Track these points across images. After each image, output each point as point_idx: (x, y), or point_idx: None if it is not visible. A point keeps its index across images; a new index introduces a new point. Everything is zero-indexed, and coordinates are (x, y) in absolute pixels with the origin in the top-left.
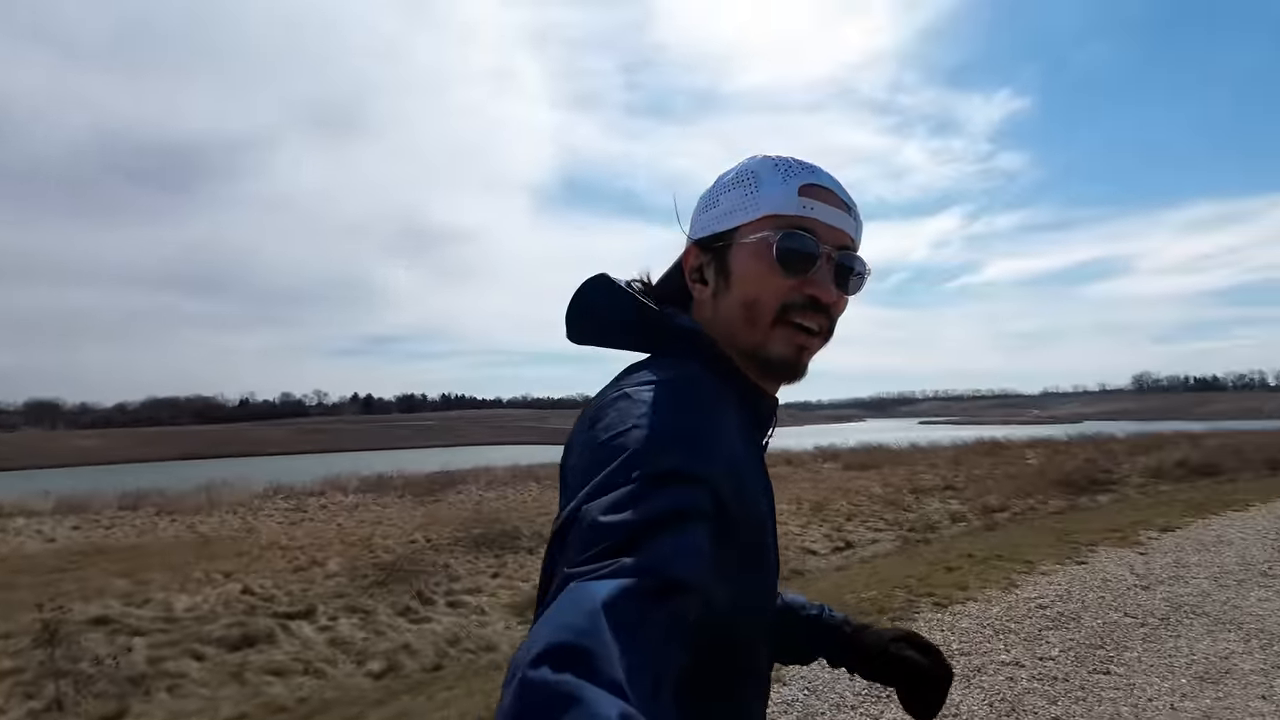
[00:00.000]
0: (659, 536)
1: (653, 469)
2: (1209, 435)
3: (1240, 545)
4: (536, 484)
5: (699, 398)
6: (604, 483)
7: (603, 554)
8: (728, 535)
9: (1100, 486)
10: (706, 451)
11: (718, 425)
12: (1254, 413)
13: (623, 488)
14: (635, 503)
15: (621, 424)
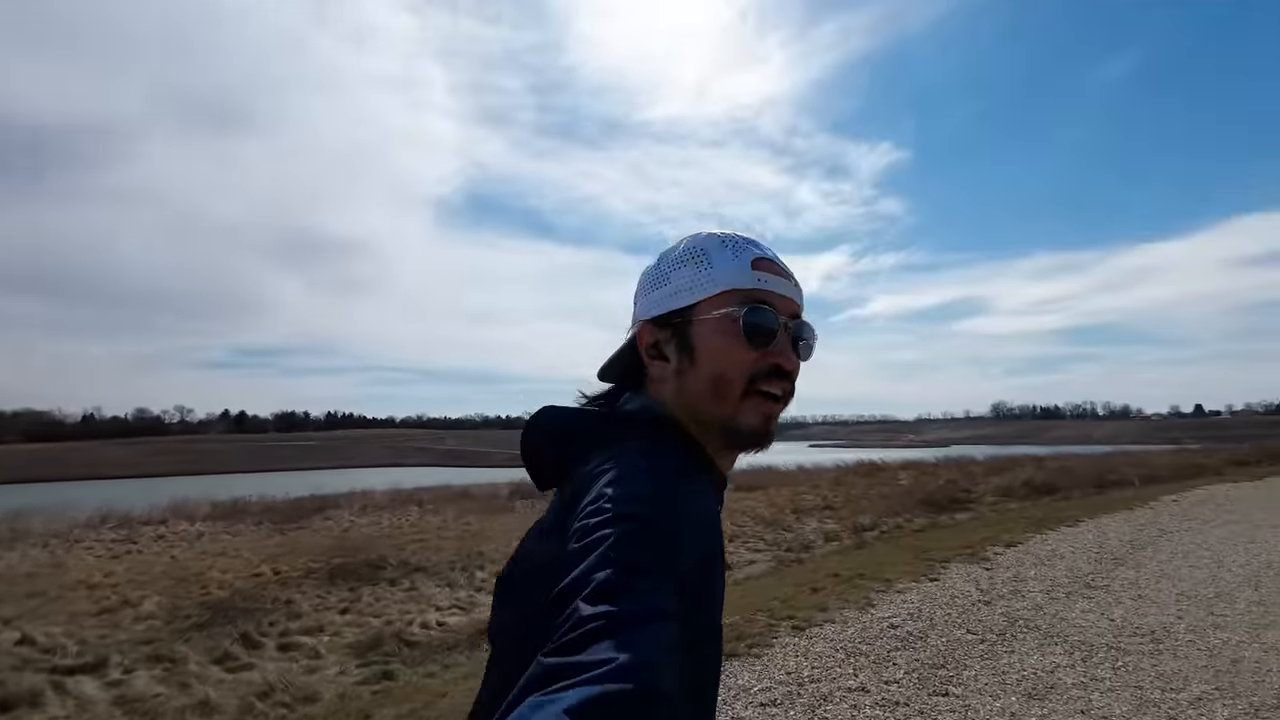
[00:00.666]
0: (642, 636)
1: (639, 560)
2: (1051, 458)
3: (1070, 558)
4: (418, 509)
5: (675, 478)
6: (589, 569)
7: (584, 648)
8: (692, 631)
9: (959, 505)
10: (686, 536)
11: (694, 505)
12: (1086, 439)
13: (605, 577)
14: (619, 596)
15: (607, 507)
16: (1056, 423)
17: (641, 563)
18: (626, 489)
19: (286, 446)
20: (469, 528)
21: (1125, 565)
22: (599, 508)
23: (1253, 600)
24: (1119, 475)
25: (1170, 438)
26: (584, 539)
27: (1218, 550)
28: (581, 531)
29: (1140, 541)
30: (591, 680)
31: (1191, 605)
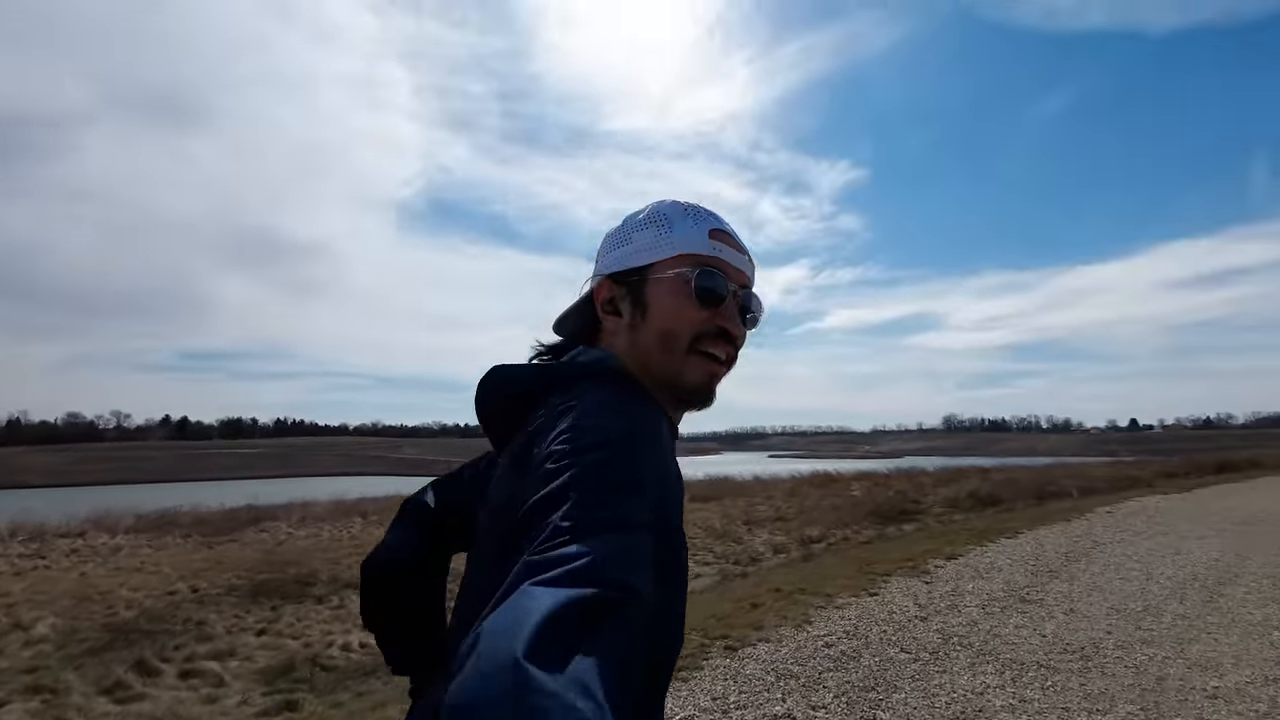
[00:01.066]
0: (622, 541)
1: (614, 479)
2: (997, 470)
3: (1007, 571)
4: (361, 519)
5: (639, 407)
6: (566, 485)
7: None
8: (662, 549)
9: (907, 516)
10: (651, 462)
11: (658, 434)
12: (1031, 451)
13: (583, 492)
14: (597, 508)
15: (579, 437)
16: (1004, 435)
17: (617, 483)
18: (595, 420)
19: (231, 454)
20: None
21: (1060, 578)
22: (570, 437)
23: (1178, 614)
24: (1059, 487)
25: (1107, 450)
26: (557, 463)
27: (1147, 562)
28: (554, 456)
29: (1075, 553)
30: (575, 579)
31: (1120, 620)
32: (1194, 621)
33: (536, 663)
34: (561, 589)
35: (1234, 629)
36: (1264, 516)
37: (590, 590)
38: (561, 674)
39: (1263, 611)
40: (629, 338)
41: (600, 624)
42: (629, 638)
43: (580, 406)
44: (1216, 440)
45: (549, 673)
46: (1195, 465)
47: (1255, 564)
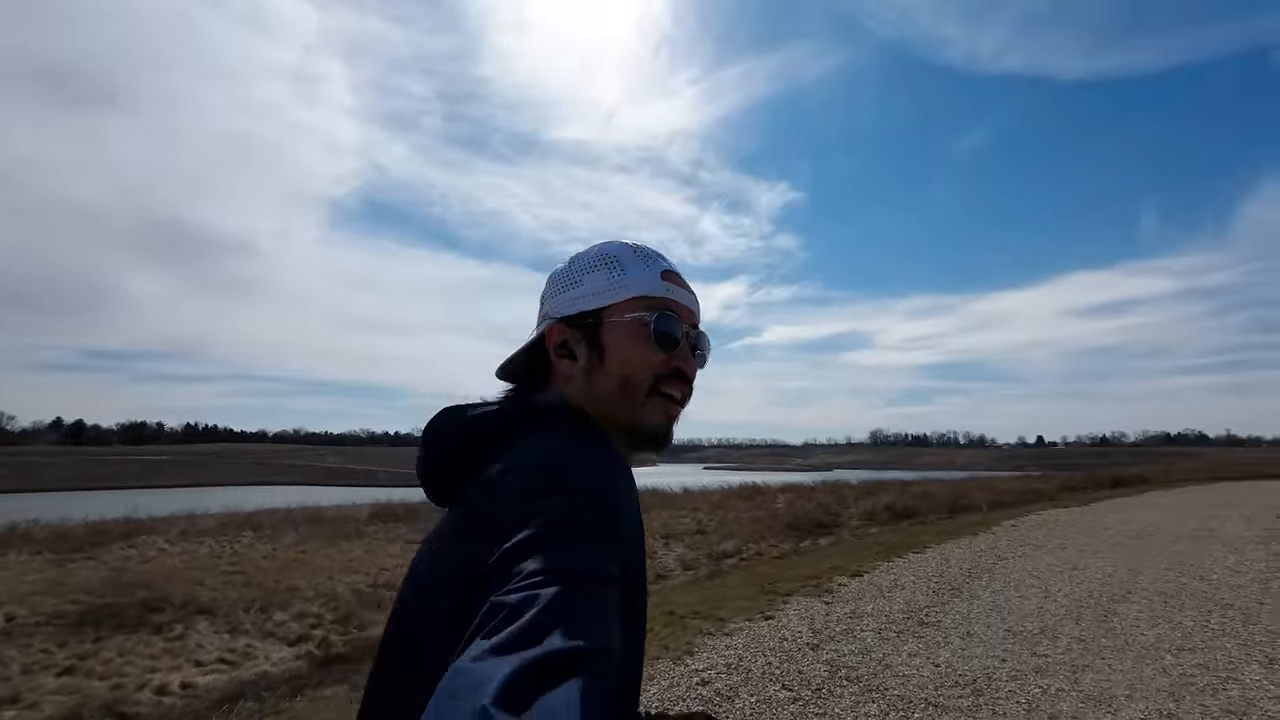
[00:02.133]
0: (595, 597)
1: (586, 529)
2: (916, 483)
3: (910, 590)
4: (253, 533)
5: (607, 456)
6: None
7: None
8: (628, 597)
9: (824, 530)
10: (625, 512)
11: (628, 483)
12: (949, 464)
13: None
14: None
15: (546, 481)
16: (925, 450)
17: (587, 533)
18: (562, 463)
19: (133, 461)
20: (301, 557)
21: (960, 596)
22: (537, 486)
23: (1074, 636)
24: (970, 500)
25: (1017, 465)
26: (523, 512)
27: (1046, 579)
28: (519, 506)
29: (979, 569)
30: (541, 636)
31: (1017, 644)
32: (1089, 645)
33: (505, 708)
34: (526, 650)
35: (1128, 653)
36: (1153, 531)
37: (560, 645)
38: None
39: (1154, 632)
40: (585, 382)
41: (571, 678)
42: (599, 694)
43: (544, 451)
44: (1111, 456)
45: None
46: (1093, 480)
47: (1146, 579)
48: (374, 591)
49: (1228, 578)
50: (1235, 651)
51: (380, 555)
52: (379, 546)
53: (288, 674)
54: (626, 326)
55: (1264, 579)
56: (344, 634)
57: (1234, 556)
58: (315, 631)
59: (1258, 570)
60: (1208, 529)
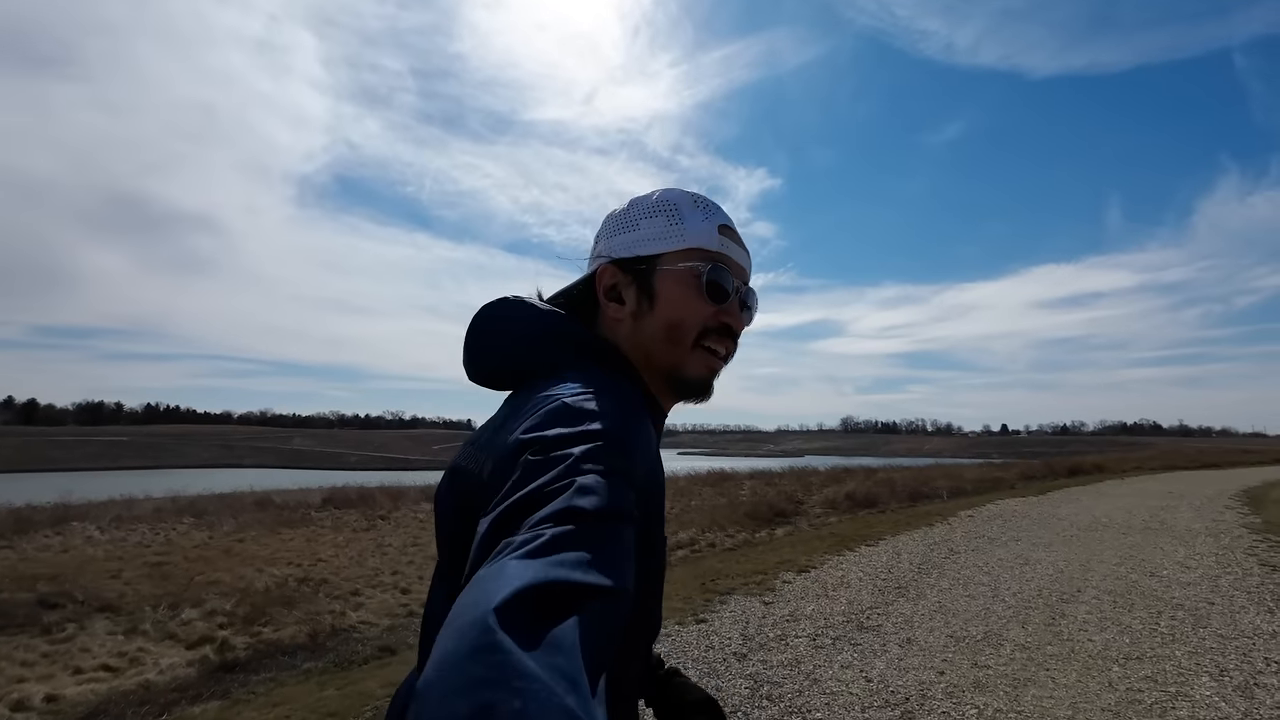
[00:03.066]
0: (611, 532)
1: (600, 467)
2: (883, 470)
3: (855, 588)
4: (193, 519)
5: (631, 403)
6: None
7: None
8: (643, 540)
9: (783, 518)
10: (640, 456)
11: (646, 431)
12: (917, 451)
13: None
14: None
15: (566, 424)
16: (894, 437)
17: (606, 468)
18: (588, 404)
19: (89, 442)
20: (236, 546)
21: (906, 596)
22: (564, 419)
23: (1019, 643)
24: (931, 489)
25: (982, 452)
26: (546, 451)
27: (996, 575)
28: (544, 438)
29: (929, 564)
30: (561, 561)
31: (958, 653)
32: (1034, 653)
33: (510, 628)
34: (547, 565)
35: (1073, 662)
36: (1106, 523)
37: (576, 575)
38: (539, 652)
39: (1102, 637)
40: (633, 326)
41: (584, 608)
42: (605, 631)
43: (578, 386)
44: (1070, 445)
45: (525, 648)
46: (1051, 468)
47: (1096, 576)
48: (299, 587)
49: (1178, 574)
50: (1185, 660)
51: (322, 544)
52: (322, 535)
53: (173, 683)
54: (680, 275)
55: (1213, 576)
56: (250, 635)
57: (1184, 549)
58: (221, 632)
59: (1207, 566)
60: (1159, 520)
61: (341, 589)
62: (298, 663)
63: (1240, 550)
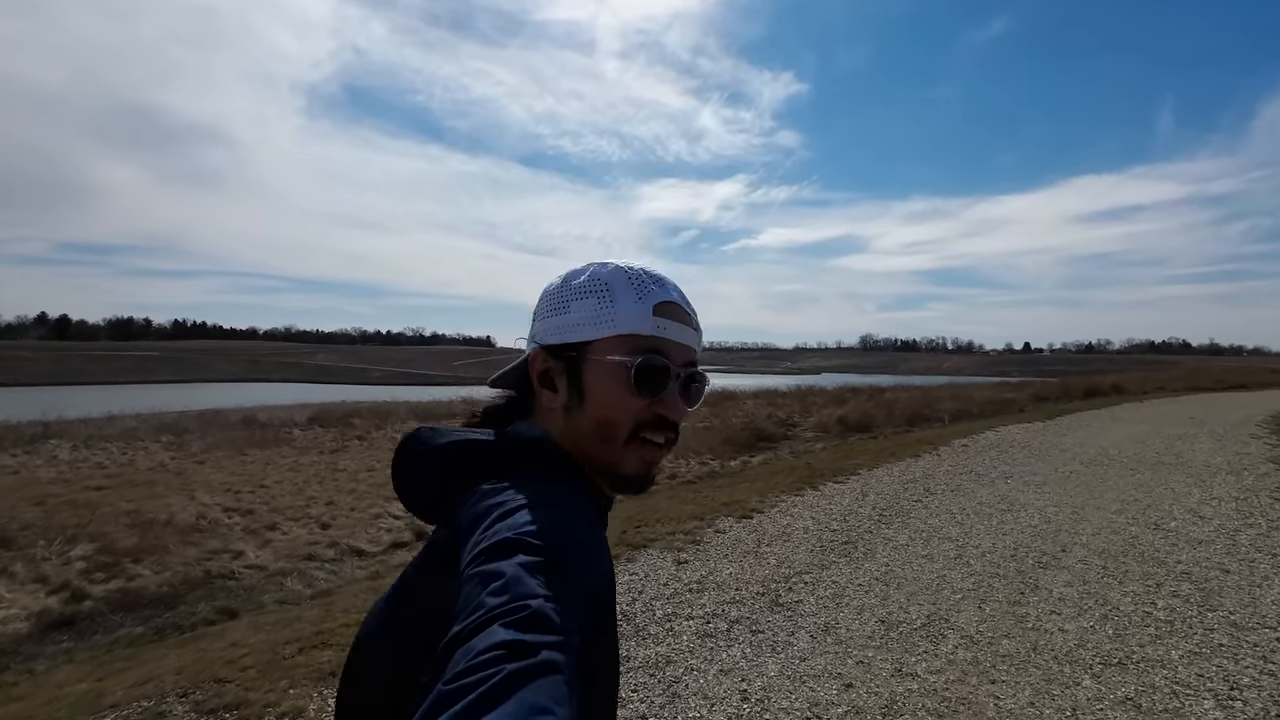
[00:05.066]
0: (540, 674)
1: (531, 595)
2: (893, 389)
3: (795, 542)
4: (170, 438)
5: (573, 510)
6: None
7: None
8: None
9: (767, 444)
10: (585, 569)
11: (590, 536)
12: (935, 370)
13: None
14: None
15: (500, 541)
16: (912, 355)
17: (541, 594)
18: (523, 518)
19: (121, 357)
20: (191, 469)
21: (851, 555)
22: (496, 539)
23: (968, 634)
24: (934, 411)
25: (1000, 371)
26: (480, 574)
27: (969, 526)
28: (476, 566)
29: (895, 509)
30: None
31: (884, 648)
32: (983, 651)
33: None
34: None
35: (1031, 669)
36: (1113, 454)
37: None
38: None
39: (1078, 626)
40: (565, 419)
41: None
42: None
43: (511, 502)
44: (1093, 364)
45: None
46: (1066, 389)
47: (1089, 530)
48: (218, 519)
49: (1188, 526)
50: (1183, 668)
51: (278, 468)
52: (283, 458)
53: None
54: (608, 367)
55: (1232, 530)
56: (118, 580)
57: (1199, 491)
58: (98, 575)
59: (1225, 515)
60: (1174, 453)
61: (262, 521)
62: (135, 621)
63: (1265, 493)
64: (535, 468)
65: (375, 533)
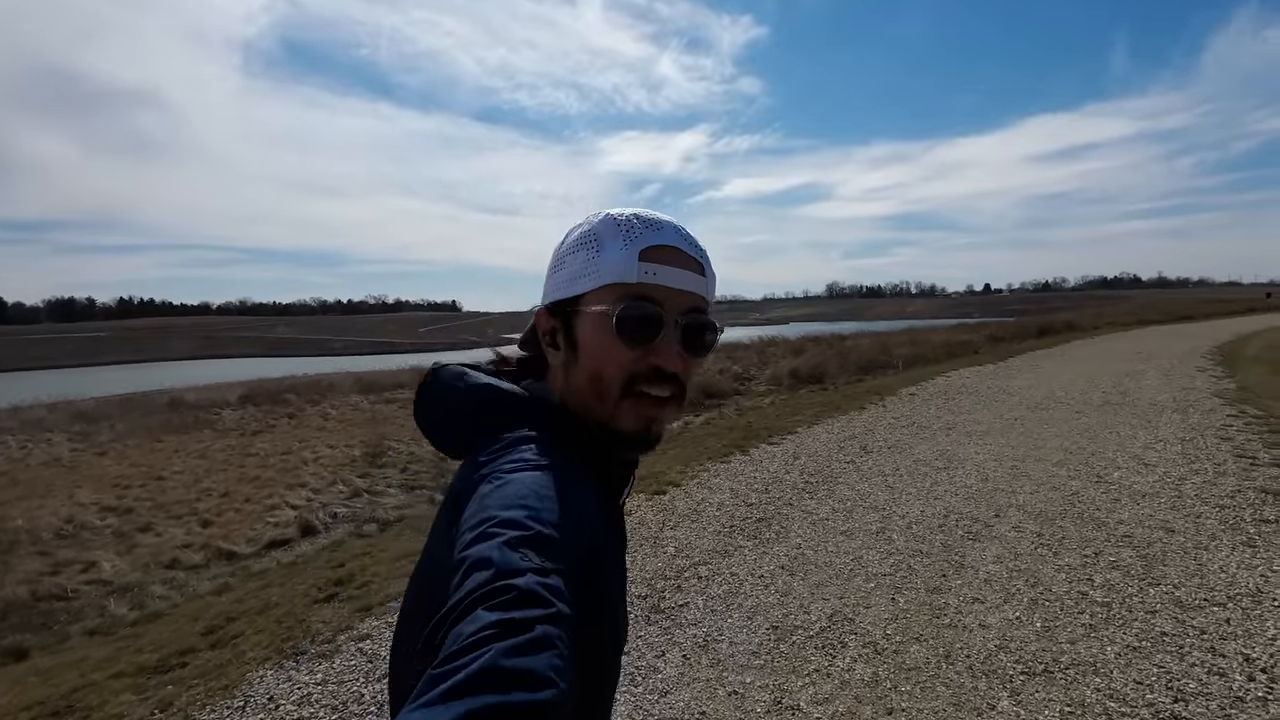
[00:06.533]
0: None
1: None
2: (851, 338)
3: (704, 521)
4: (85, 425)
5: (566, 480)
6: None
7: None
8: (583, 635)
9: (714, 401)
10: (576, 539)
11: (582, 512)
12: (900, 314)
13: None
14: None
15: (490, 518)
16: (878, 301)
17: (529, 570)
18: (513, 491)
19: (66, 339)
20: (89, 462)
21: (761, 537)
22: (486, 516)
23: (871, 640)
24: (889, 358)
25: (963, 312)
26: (469, 556)
27: (899, 491)
28: (466, 548)
29: (824, 474)
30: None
31: (768, 666)
32: (884, 664)
33: None
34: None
35: (937, 689)
36: (1060, 396)
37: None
38: None
39: (1001, 617)
40: (564, 377)
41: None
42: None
43: (504, 471)
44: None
45: None
46: (1021, 329)
47: (1028, 488)
48: (88, 522)
49: (1131, 476)
50: (1119, 674)
51: (185, 455)
52: (200, 443)
53: None
54: (594, 319)
55: (1177, 479)
56: None
57: (1144, 434)
58: None
59: (1171, 460)
60: (1121, 391)
61: (138, 522)
62: None
63: (1210, 432)
64: (537, 429)
65: (260, 529)
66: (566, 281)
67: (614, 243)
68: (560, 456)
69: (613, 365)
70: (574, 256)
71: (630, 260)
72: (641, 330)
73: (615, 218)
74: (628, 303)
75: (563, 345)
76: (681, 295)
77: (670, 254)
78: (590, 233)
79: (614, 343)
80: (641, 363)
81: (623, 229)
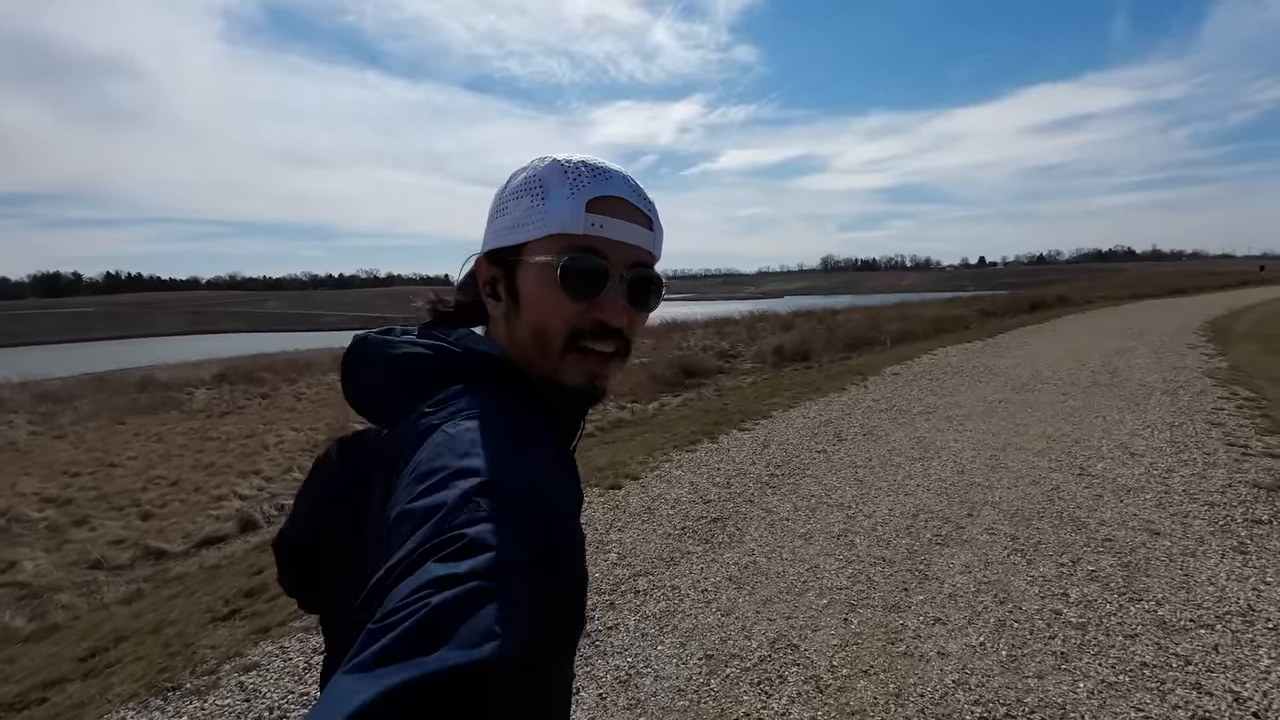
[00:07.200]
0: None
1: (470, 523)
2: (843, 312)
3: (656, 521)
4: (50, 406)
5: (515, 432)
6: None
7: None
8: (543, 584)
9: (696, 380)
10: (528, 494)
11: (537, 459)
12: (894, 287)
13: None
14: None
15: (438, 468)
16: (873, 274)
17: (480, 520)
18: (461, 443)
19: (51, 315)
20: (46, 446)
21: (713, 541)
22: (430, 468)
23: (814, 671)
24: (878, 334)
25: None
26: (413, 509)
27: (869, 485)
28: (410, 502)
29: (792, 465)
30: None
31: (692, 709)
32: (823, 707)
33: None
34: (382, 673)
35: None
36: (1047, 376)
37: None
38: None
39: (963, 644)
40: (505, 329)
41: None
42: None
43: (449, 427)
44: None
45: None
46: (1013, 303)
47: (1006, 482)
48: (23, 515)
49: (1116, 468)
50: (1097, 708)
51: (144, 440)
52: (163, 425)
53: None
54: (537, 269)
55: (1164, 471)
56: None
57: (1131, 418)
58: None
59: (1158, 449)
60: (1110, 371)
61: (75, 514)
62: None
63: (1200, 416)
64: (480, 383)
65: (199, 523)
66: (508, 229)
67: (560, 191)
68: (508, 403)
69: (556, 319)
70: (517, 202)
71: (577, 211)
72: (587, 284)
73: (562, 164)
74: (573, 255)
75: (504, 296)
76: (628, 249)
77: (618, 205)
78: (535, 178)
79: (558, 295)
80: (586, 317)
81: (570, 176)
